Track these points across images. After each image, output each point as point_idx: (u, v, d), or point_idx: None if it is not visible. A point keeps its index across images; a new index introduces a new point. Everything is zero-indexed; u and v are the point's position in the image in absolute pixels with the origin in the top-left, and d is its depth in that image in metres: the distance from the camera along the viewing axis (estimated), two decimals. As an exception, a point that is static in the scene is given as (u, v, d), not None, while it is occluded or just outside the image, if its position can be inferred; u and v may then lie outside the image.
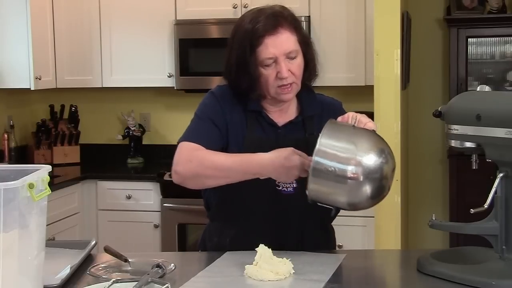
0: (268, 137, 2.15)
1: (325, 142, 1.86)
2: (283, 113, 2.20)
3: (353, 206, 1.91)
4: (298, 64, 2.11)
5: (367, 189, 1.85)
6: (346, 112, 2.25)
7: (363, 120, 1.95)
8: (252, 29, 2.08)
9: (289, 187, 2.12)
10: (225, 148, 2.13)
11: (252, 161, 1.99)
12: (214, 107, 2.16)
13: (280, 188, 2.13)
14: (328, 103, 2.27)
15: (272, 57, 2.07)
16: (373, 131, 1.94)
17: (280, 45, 2.07)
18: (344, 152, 1.85)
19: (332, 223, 2.30)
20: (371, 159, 1.85)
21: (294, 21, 2.13)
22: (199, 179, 2.05)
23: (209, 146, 2.08)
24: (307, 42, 2.17)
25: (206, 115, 2.16)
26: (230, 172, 2.01)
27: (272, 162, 1.95)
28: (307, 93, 2.23)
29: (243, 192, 2.09)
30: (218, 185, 2.07)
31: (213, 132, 2.12)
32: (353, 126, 1.92)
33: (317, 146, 1.85)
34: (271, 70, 2.08)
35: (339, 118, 1.97)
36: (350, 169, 1.83)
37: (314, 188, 1.87)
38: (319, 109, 2.22)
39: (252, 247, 1.98)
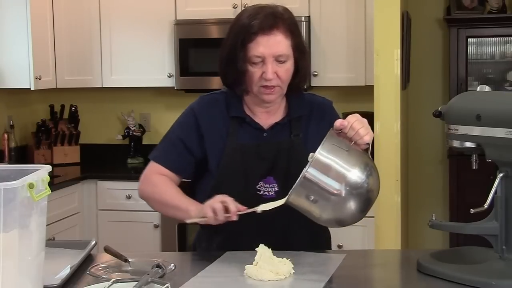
0: (250, 143, 2.14)
1: (322, 154, 1.85)
2: (271, 115, 2.18)
3: (341, 223, 1.93)
4: (286, 69, 2.09)
5: (352, 204, 1.86)
6: (336, 112, 2.25)
7: (362, 132, 1.90)
8: (248, 24, 2.07)
9: (270, 191, 2.12)
10: (200, 160, 2.17)
11: (188, 202, 2.10)
12: (186, 124, 2.20)
13: (261, 193, 2.12)
14: (318, 103, 2.24)
15: (260, 56, 2.06)
16: (366, 155, 1.93)
17: (271, 46, 2.06)
18: (335, 173, 1.85)
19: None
20: (355, 174, 1.85)
21: (293, 25, 2.11)
22: (150, 205, 2.23)
23: (175, 168, 2.19)
24: (302, 49, 2.14)
25: (176, 135, 2.21)
26: (169, 207, 2.15)
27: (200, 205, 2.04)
28: (296, 93, 2.21)
29: None
30: (164, 214, 2.29)
31: (180, 154, 2.19)
32: (348, 150, 1.88)
33: (314, 158, 1.83)
34: (258, 68, 2.07)
35: (338, 123, 1.91)
36: (336, 186, 1.83)
37: (296, 198, 1.87)
38: (307, 109, 2.20)
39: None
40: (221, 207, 1.96)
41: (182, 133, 2.19)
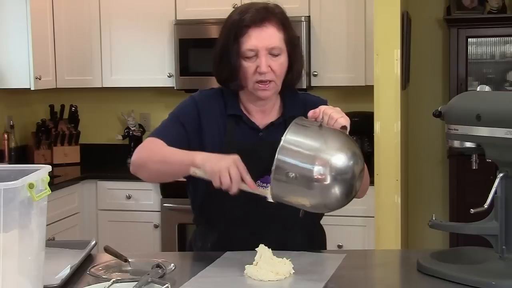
0: (247, 141, 2.13)
1: (289, 140, 1.79)
2: (266, 114, 2.18)
3: (324, 208, 1.86)
4: (280, 62, 2.09)
5: (336, 190, 1.77)
6: None
7: (335, 115, 1.88)
8: (239, 19, 2.08)
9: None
10: (194, 149, 2.09)
11: (191, 152, 1.98)
12: (188, 110, 2.18)
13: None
14: (313, 102, 2.22)
15: (253, 49, 2.06)
16: (341, 131, 1.86)
17: (263, 38, 2.06)
18: (308, 152, 1.77)
19: (329, 224, 2.29)
20: (339, 159, 1.76)
21: (284, 19, 2.12)
22: (145, 169, 2.08)
23: (172, 144, 2.09)
24: (295, 43, 2.14)
25: (177, 117, 2.18)
26: (171, 162, 2.01)
27: (208, 155, 1.93)
28: (290, 93, 2.21)
29: (221, 197, 2.07)
30: (161, 178, 2.17)
31: (178, 133, 2.14)
32: (320, 125, 1.84)
33: (280, 144, 1.79)
34: (252, 63, 2.07)
35: (310, 113, 1.90)
36: (316, 170, 1.75)
37: (277, 189, 1.81)
38: (302, 109, 2.18)
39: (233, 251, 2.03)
40: (239, 179, 1.85)
41: (182, 117, 2.17)
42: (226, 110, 2.17)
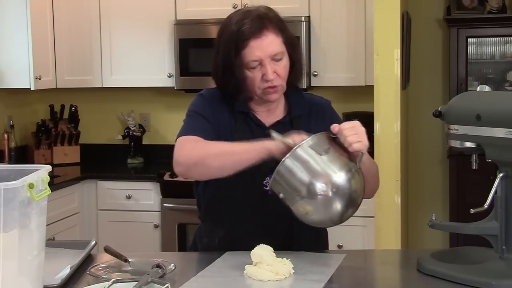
0: (256, 138, 2.13)
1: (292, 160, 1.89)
2: (271, 113, 2.20)
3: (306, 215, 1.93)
4: (283, 65, 2.12)
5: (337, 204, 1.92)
6: (335, 112, 2.28)
7: (350, 140, 1.91)
8: (237, 31, 2.09)
9: None
10: None
11: (257, 142, 1.99)
12: (204, 106, 2.18)
13: (268, 188, 2.11)
14: (317, 103, 2.27)
15: (257, 60, 2.08)
16: (344, 162, 1.91)
17: (265, 47, 2.08)
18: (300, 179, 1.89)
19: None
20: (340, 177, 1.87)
21: (280, 22, 2.14)
22: (203, 166, 2.02)
23: (207, 138, 2.08)
24: (293, 43, 2.17)
25: (197, 112, 2.17)
26: (235, 153, 2.00)
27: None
28: (295, 92, 2.24)
29: (231, 193, 2.08)
30: (222, 172, 2.04)
31: (207, 127, 2.13)
32: (327, 153, 1.90)
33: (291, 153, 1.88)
34: (257, 72, 2.10)
35: (332, 127, 1.94)
36: (319, 186, 1.87)
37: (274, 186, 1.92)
38: (307, 108, 2.23)
39: (240, 247, 2.03)
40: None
41: (201, 111, 2.16)
42: (234, 107, 2.18)
